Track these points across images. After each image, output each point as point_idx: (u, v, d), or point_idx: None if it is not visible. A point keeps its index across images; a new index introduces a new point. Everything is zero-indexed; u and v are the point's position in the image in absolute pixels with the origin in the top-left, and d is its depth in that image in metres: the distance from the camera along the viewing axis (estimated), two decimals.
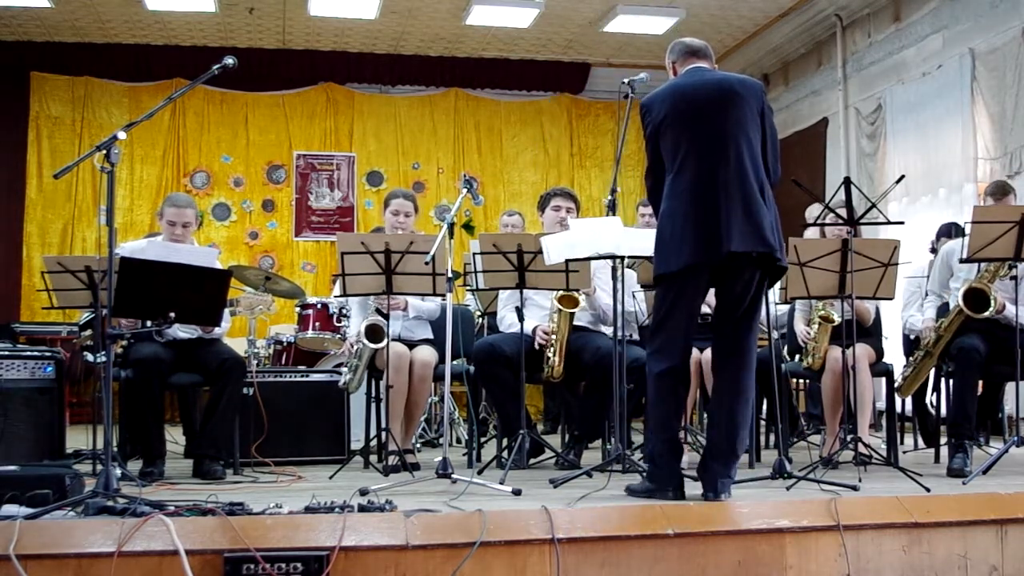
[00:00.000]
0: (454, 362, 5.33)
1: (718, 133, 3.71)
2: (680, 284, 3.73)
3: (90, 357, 5.76)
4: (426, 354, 5.09)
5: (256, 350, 6.46)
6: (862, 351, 4.90)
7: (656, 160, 3.84)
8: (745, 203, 3.65)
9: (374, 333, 4.95)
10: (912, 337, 5.78)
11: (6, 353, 4.89)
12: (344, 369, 5.21)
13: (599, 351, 4.84)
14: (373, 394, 5.26)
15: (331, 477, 4.60)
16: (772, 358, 4.83)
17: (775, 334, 5.22)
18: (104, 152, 3.47)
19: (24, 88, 9.76)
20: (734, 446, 3.69)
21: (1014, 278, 4.62)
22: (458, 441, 6.68)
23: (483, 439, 6.19)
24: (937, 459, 5.30)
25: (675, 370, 3.73)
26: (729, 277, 3.74)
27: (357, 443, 5.39)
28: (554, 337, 4.91)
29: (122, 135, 3.51)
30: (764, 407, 6.01)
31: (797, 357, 5.33)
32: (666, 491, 3.67)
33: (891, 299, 4.86)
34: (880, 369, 5.19)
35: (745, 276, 3.72)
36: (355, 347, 5.09)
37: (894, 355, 5.65)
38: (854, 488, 3.81)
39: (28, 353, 4.97)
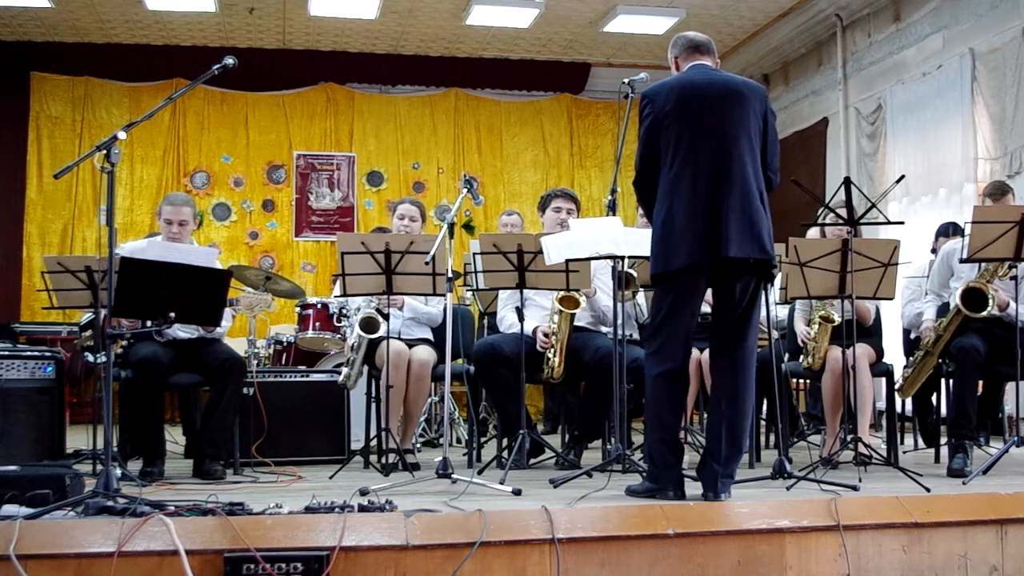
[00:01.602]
0: (454, 362, 5.33)
1: (723, 133, 3.69)
2: (679, 285, 3.72)
3: (90, 357, 5.76)
4: (424, 353, 5.10)
5: (256, 350, 6.46)
6: (862, 351, 4.91)
7: (650, 153, 3.77)
8: (745, 208, 3.65)
9: (369, 325, 4.96)
10: (913, 336, 5.78)
11: (6, 353, 4.89)
12: (344, 368, 5.22)
13: (599, 351, 4.84)
14: (373, 394, 5.26)
15: (331, 477, 4.60)
16: (772, 358, 4.83)
17: (775, 334, 5.22)
18: (104, 152, 3.47)
19: (24, 88, 9.76)
20: (733, 446, 3.69)
21: (1014, 278, 4.62)
22: (458, 441, 6.68)
23: (483, 439, 6.19)
24: (937, 459, 5.31)
25: (674, 371, 3.72)
26: (726, 280, 3.74)
27: (357, 443, 5.39)
28: (555, 339, 4.91)
29: (122, 135, 3.51)
30: (764, 407, 6.01)
31: (799, 357, 5.32)
32: (666, 491, 3.67)
33: (891, 299, 4.86)
34: (880, 369, 5.19)
35: (742, 280, 3.72)
36: (353, 342, 5.10)
37: (894, 355, 5.65)
38: (854, 488, 3.81)
39: (28, 353, 4.97)
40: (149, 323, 4.29)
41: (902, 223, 4.87)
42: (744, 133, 3.71)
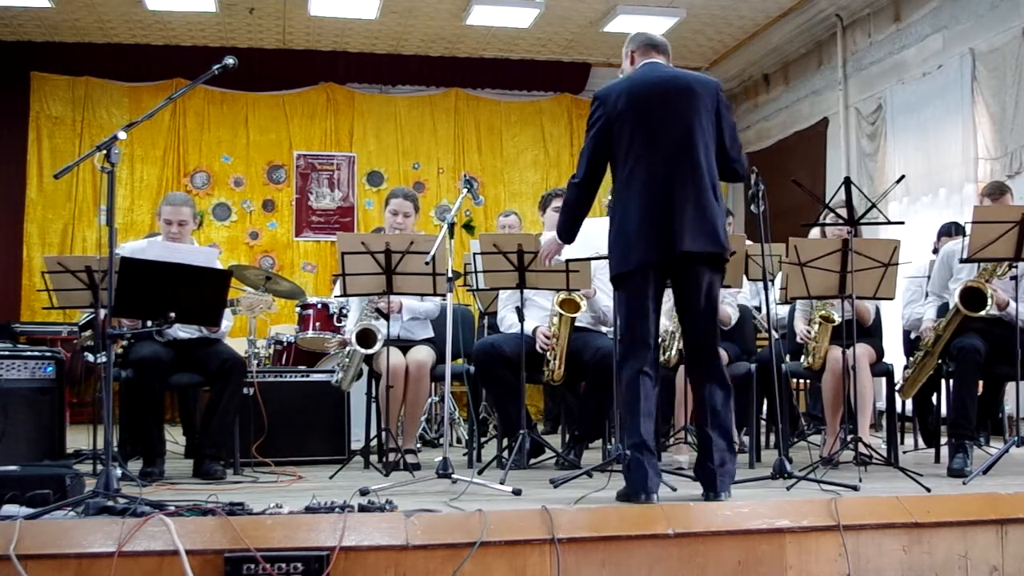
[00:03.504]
0: (455, 362, 5.32)
1: (675, 131, 3.71)
2: (637, 284, 3.71)
3: (90, 357, 5.76)
4: (422, 354, 5.10)
5: (256, 350, 6.46)
6: (862, 351, 4.90)
7: (598, 156, 3.80)
8: (698, 203, 3.67)
9: (366, 337, 4.93)
10: (913, 336, 5.78)
11: (6, 353, 4.89)
12: (338, 369, 5.21)
13: (599, 351, 4.83)
14: (373, 394, 5.26)
15: (331, 477, 4.60)
16: (772, 358, 4.82)
17: (775, 334, 5.22)
18: (104, 152, 3.47)
19: (24, 88, 9.76)
20: (722, 442, 3.67)
21: (1014, 278, 4.62)
22: (458, 441, 6.68)
23: (483, 439, 6.19)
24: (937, 459, 5.31)
25: (642, 373, 3.68)
26: (682, 276, 3.74)
27: (357, 443, 5.39)
28: (555, 341, 4.91)
29: (122, 135, 3.51)
30: (764, 407, 6.01)
31: (799, 357, 5.32)
32: (638, 495, 3.58)
33: (891, 299, 4.86)
34: (880, 369, 5.19)
35: (699, 275, 3.71)
36: (348, 347, 5.09)
37: (894, 355, 5.65)
38: (854, 488, 3.81)
39: (28, 353, 4.97)
40: (149, 323, 4.30)
41: (902, 223, 4.88)
42: (698, 130, 3.73)
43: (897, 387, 5.24)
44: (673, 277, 3.78)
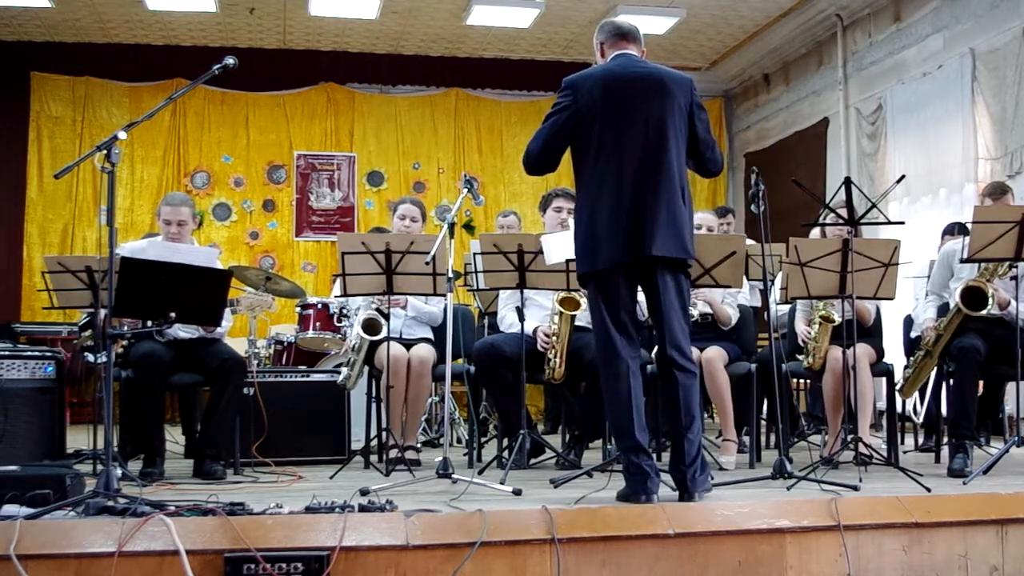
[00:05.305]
0: (455, 362, 5.33)
1: (648, 130, 3.67)
2: (609, 282, 3.70)
3: (91, 357, 5.76)
4: (424, 351, 5.11)
5: (256, 350, 6.46)
6: (863, 351, 4.90)
7: (559, 139, 3.74)
8: (669, 205, 3.64)
9: (371, 326, 4.96)
10: (913, 335, 5.78)
11: (6, 353, 4.89)
12: (344, 368, 5.22)
13: None
14: (373, 394, 5.26)
15: (331, 477, 4.61)
16: (772, 358, 4.82)
17: (776, 334, 5.22)
18: (105, 152, 3.47)
19: (24, 88, 9.76)
20: (692, 444, 3.64)
21: (1014, 278, 4.62)
22: (459, 441, 6.68)
23: (484, 439, 6.19)
24: (937, 459, 5.30)
25: (623, 374, 3.66)
26: (652, 278, 3.70)
27: (357, 443, 5.39)
28: (555, 340, 4.91)
29: (122, 135, 3.51)
30: (764, 407, 6.01)
31: (799, 357, 5.32)
32: (639, 496, 3.59)
33: (891, 299, 4.86)
34: (880, 369, 5.18)
35: (668, 278, 3.69)
36: (353, 343, 5.11)
37: (894, 355, 5.65)
38: (855, 488, 3.81)
39: (28, 353, 4.97)
40: (149, 323, 4.30)
41: (902, 223, 4.88)
42: (671, 129, 3.69)
43: (897, 387, 5.24)
44: (642, 279, 3.75)
